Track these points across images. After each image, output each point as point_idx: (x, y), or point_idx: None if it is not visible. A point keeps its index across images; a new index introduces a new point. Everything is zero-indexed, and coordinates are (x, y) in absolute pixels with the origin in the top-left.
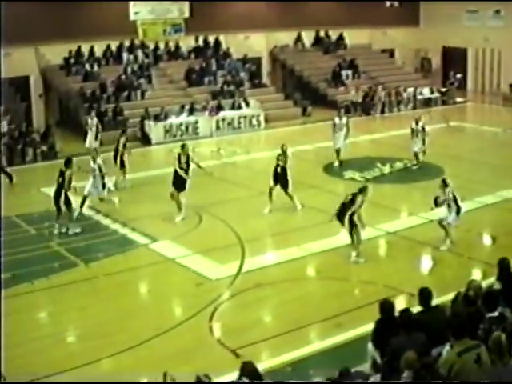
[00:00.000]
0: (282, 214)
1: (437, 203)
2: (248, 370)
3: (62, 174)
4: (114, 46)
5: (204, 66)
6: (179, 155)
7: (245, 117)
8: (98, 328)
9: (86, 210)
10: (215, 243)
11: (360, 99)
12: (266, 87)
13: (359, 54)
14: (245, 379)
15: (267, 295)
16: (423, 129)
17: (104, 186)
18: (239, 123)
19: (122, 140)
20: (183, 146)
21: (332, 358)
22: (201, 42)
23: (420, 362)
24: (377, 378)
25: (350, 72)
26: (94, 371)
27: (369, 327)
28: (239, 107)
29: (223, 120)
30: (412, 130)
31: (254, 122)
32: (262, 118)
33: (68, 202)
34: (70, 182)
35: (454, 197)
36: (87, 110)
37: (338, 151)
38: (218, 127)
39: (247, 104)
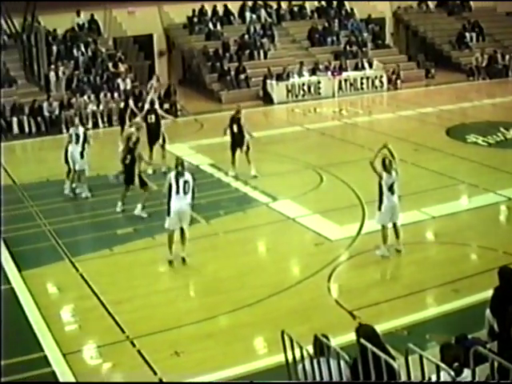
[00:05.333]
0: (403, 177)
1: None
2: (364, 331)
3: None
4: (236, 5)
5: (327, 25)
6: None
7: (367, 78)
8: (216, 284)
9: (207, 168)
10: (335, 204)
11: (484, 62)
12: (389, 48)
13: (484, 16)
14: (362, 341)
15: (386, 258)
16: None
17: None
18: (362, 84)
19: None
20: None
21: (449, 323)
22: (324, 2)
23: None
24: (494, 345)
25: (474, 34)
26: (211, 327)
27: (487, 294)
28: (362, 68)
29: (346, 80)
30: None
31: (377, 83)
32: (384, 80)
33: None
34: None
35: None
36: (210, 69)
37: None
38: (340, 88)
39: (370, 65)
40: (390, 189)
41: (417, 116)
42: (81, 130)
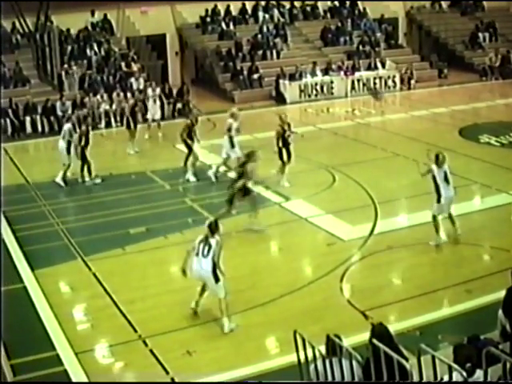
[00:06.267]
0: (416, 176)
1: None
2: (378, 331)
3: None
4: (249, 5)
5: (340, 25)
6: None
7: (380, 78)
8: (229, 284)
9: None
10: (348, 204)
11: (497, 63)
12: (402, 48)
13: (497, 16)
14: (375, 341)
15: (398, 258)
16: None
17: None
18: (374, 84)
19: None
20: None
21: (461, 323)
22: (337, 2)
23: None
24: (506, 346)
25: (487, 35)
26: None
27: (500, 295)
28: (375, 68)
29: (358, 80)
30: None
31: (390, 83)
32: (397, 80)
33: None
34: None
35: None
36: (223, 69)
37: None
38: (353, 88)
39: (383, 65)
40: (446, 179)
41: (429, 116)
42: (66, 126)
